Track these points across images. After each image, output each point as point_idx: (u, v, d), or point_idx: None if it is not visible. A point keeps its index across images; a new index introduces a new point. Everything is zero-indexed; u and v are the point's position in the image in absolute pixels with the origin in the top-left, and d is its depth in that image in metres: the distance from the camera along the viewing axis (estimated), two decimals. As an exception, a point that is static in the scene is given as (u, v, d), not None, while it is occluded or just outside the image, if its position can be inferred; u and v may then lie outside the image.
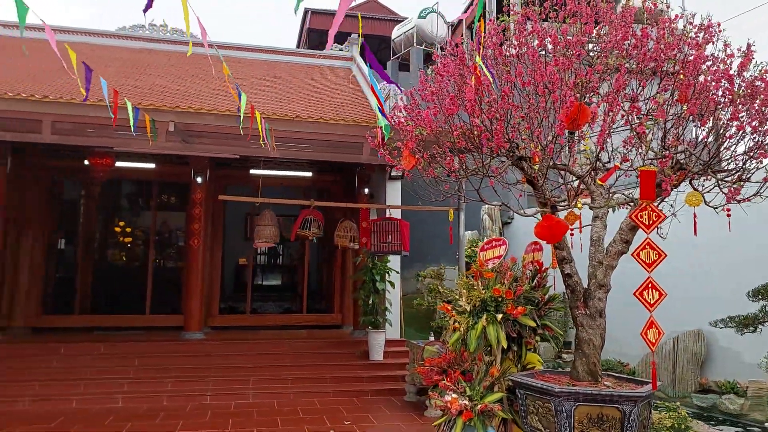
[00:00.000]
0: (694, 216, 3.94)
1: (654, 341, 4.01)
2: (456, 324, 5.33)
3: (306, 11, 20.34)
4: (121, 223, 12.72)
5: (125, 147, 6.78)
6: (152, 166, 10.93)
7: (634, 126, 3.97)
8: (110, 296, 11.88)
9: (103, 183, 11.50)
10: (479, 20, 3.57)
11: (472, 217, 12.30)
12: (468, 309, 5.25)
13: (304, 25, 20.86)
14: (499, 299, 5.12)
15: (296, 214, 13.20)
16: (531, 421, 4.83)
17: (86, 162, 9.73)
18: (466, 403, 4.98)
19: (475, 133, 4.16)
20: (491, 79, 3.83)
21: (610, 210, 5.10)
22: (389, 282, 9.50)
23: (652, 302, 4.01)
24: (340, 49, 14.81)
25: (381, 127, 4.88)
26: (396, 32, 18.17)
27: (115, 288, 12.04)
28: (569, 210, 4.58)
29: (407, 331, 10.74)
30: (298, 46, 22.49)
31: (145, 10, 2.94)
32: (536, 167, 4.52)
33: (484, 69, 3.63)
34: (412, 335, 10.56)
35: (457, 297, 5.45)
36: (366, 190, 10.48)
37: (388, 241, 7.17)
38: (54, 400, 7.57)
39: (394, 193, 9.89)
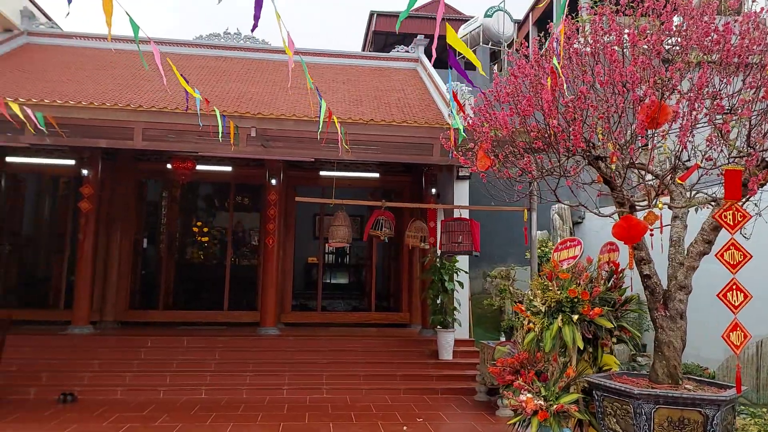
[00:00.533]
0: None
1: (738, 344, 3.92)
2: (530, 324, 5.35)
3: (371, 14, 20.60)
4: (200, 224, 13.35)
5: (209, 152, 7.18)
6: (229, 169, 11.42)
7: (717, 124, 3.89)
8: (191, 293, 12.51)
9: (184, 185, 12.11)
10: (561, 19, 3.60)
11: (542, 217, 12.15)
12: (543, 309, 5.26)
13: (370, 27, 21.13)
14: (575, 300, 5.10)
15: (363, 214, 13.51)
16: (608, 423, 4.79)
17: (169, 165, 10.29)
18: (542, 403, 5.00)
19: (550, 133, 4.18)
20: (564, 81, 3.84)
21: (692, 210, 5.00)
22: (458, 282, 9.55)
23: (736, 304, 3.92)
24: (407, 51, 14.94)
25: (455, 129, 4.97)
26: (462, 31, 18.15)
27: (195, 285, 12.68)
28: (648, 210, 4.51)
29: (476, 331, 10.75)
30: (363, 49, 22.81)
31: (252, 29, 3.16)
32: (613, 167, 4.49)
33: (560, 71, 3.65)
34: (480, 335, 10.56)
35: (531, 298, 5.46)
36: (433, 191, 10.56)
37: (459, 241, 7.23)
38: (144, 390, 8.08)
39: (461, 193, 9.92)
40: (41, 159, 10.84)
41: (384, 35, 21.11)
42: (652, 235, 4.59)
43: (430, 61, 14.21)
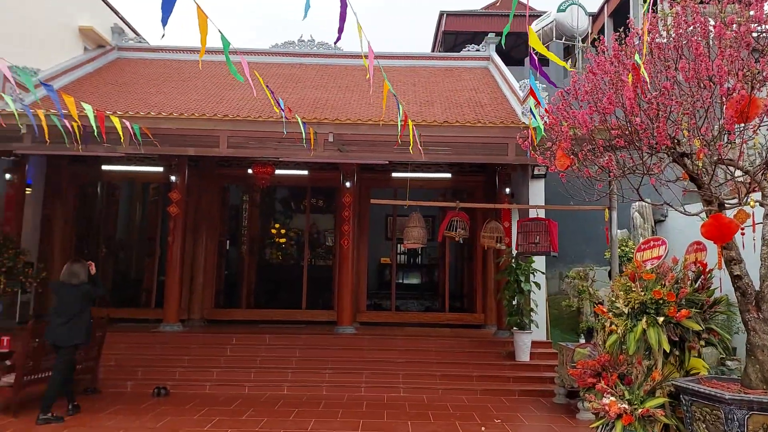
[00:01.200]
0: None
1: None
2: (612, 326, 5.24)
3: (441, 14, 20.59)
4: (278, 226, 13.84)
5: (289, 157, 7.47)
6: (305, 172, 11.79)
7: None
8: (270, 292, 12.99)
9: (263, 189, 12.59)
10: (643, 13, 3.54)
11: (621, 216, 11.76)
12: (626, 311, 5.14)
13: (439, 28, 21.12)
14: (660, 301, 4.96)
15: (434, 214, 13.56)
16: (697, 429, 4.64)
17: (250, 171, 10.74)
18: (626, 407, 4.89)
19: (632, 130, 4.10)
20: (647, 77, 3.76)
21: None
22: (534, 283, 9.44)
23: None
24: (477, 50, 14.87)
25: (532, 128, 4.95)
26: (534, 27, 17.82)
27: (275, 284, 13.15)
28: (739, 208, 4.34)
29: (553, 333, 10.57)
30: (433, 50, 22.82)
31: (336, 42, 3.33)
32: (700, 164, 4.34)
33: (642, 68, 3.58)
34: (558, 337, 10.37)
35: (614, 299, 5.35)
36: (507, 190, 10.47)
37: (536, 242, 7.15)
38: (230, 386, 8.49)
39: (537, 192, 9.78)
40: (133, 167, 11.59)
41: (454, 35, 21.05)
42: (743, 234, 4.40)
43: (503, 60, 14.11)
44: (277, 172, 11.45)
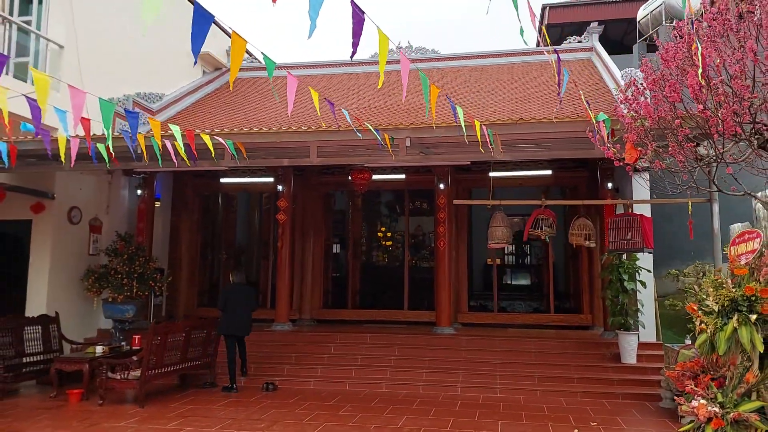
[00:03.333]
0: None
1: None
2: (702, 325, 4.95)
3: (543, 7, 20.02)
4: (381, 229, 14.26)
5: (374, 162, 7.76)
6: (403, 176, 12.08)
7: None
8: (374, 293, 13.42)
9: (364, 194, 13.05)
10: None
11: (742, 206, 10.82)
12: (716, 309, 4.84)
13: (542, 21, 20.55)
14: (753, 298, 4.62)
15: (527, 213, 13.25)
16: (798, 437, 4.27)
17: (349, 177, 11.21)
18: (716, 410, 4.61)
19: (702, 118, 3.89)
20: (712, 60, 3.56)
21: None
22: (640, 281, 8.99)
23: None
24: (579, 41, 14.37)
25: (602, 121, 4.81)
26: (642, 12, 16.83)
27: (378, 286, 13.57)
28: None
29: (666, 334, 9.96)
30: (537, 44, 22.22)
31: (352, 56, 3.54)
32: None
33: (700, 50, 3.41)
34: (671, 338, 9.77)
35: (704, 296, 5.04)
36: (609, 185, 10.05)
37: (628, 238, 6.83)
38: (333, 382, 8.94)
39: (640, 186, 9.29)
40: (247, 179, 12.53)
41: (559, 27, 20.35)
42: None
43: (614, 48, 13.51)
44: (375, 177, 11.84)
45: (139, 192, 11.52)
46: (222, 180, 12.74)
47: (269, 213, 13.29)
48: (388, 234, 14.09)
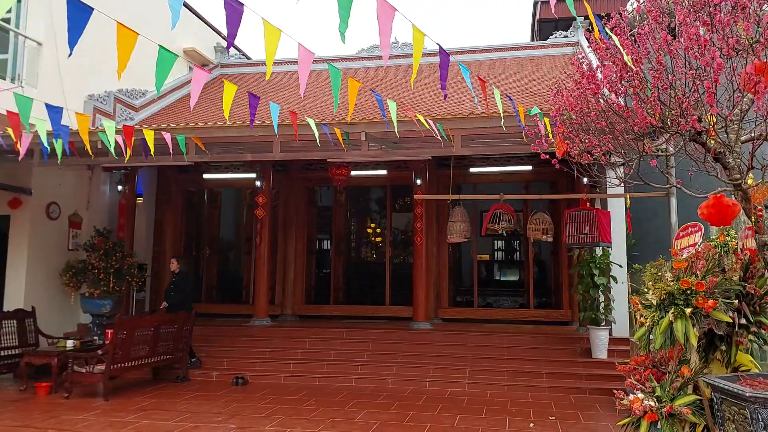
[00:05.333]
0: None
1: None
2: (642, 319, 4.94)
3: (535, 2, 19.92)
4: (364, 225, 14.28)
5: (338, 158, 7.77)
6: (384, 172, 12.07)
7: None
8: (357, 289, 13.46)
9: (347, 189, 13.08)
10: None
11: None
12: (654, 303, 4.82)
13: (535, 17, 20.45)
14: (689, 291, 4.59)
15: (519, 209, 13.20)
16: (728, 429, 4.25)
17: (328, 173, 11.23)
18: (652, 404, 4.60)
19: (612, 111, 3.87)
20: (625, 55, 3.54)
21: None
22: (612, 277, 8.95)
23: None
24: (565, 36, 14.31)
25: (536, 115, 4.80)
26: (630, 7, 16.71)
27: (360, 282, 13.60)
28: (761, 185, 3.93)
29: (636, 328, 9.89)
30: (532, 39, 22.12)
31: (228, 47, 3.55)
32: (712, 142, 3.99)
33: (617, 42, 3.39)
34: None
35: (645, 290, 5.02)
36: (585, 180, 9.96)
37: (585, 232, 6.80)
38: (304, 377, 8.99)
39: (613, 180, 9.22)
40: (229, 174, 12.60)
41: (552, 22, 20.24)
42: (761, 215, 3.98)
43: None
44: (357, 173, 11.86)
45: (120, 188, 11.60)
46: (205, 176, 12.81)
47: (252, 209, 13.34)
48: (372, 230, 14.12)
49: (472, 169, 11.67)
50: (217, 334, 10.33)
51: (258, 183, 11.21)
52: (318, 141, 5.59)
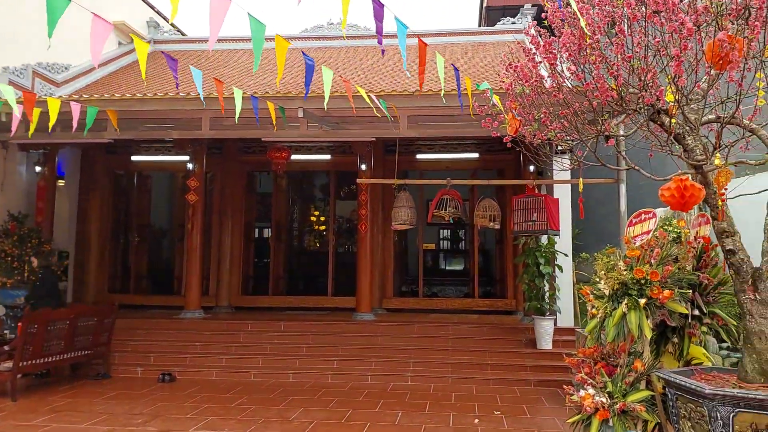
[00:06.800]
0: None
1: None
2: (594, 310, 4.67)
3: (483, -11, 19.74)
4: (307, 212, 13.74)
5: (275, 137, 7.23)
6: (328, 157, 11.57)
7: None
8: (298, 279, 12.93)
9: (289, 175, 12.50)
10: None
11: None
12: (607, 293, 4.55)
13: (483, 3, 20.27)
14: (643, 281, 4.34)
15: (466, 197, 12.96)
16: (683, 427, 4.02)
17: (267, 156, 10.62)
18: (603, 400, 4.33)
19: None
20: (582, 20, 3.19)
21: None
22: (557, 266, 8.78)
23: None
24: (513, 23, 14.12)
25: (484, 90, 4.44)
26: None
27: (302, 271, 13.09)
28: (722, 168, 3.67)
29: (584, 319, 9.81)
30: (479, 26, 21.96)
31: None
32: (674, 121, 3.70)
33: (575, 6, 3.03)
34: (584, 321, 9.62)
35: (597, 280, 4.75)
36: (531, 168, 9.79)
37: (533, 219, 6.55)
38: (237, 372, 8.43)
39: (560, 167, 9.05)
40: (160, 156, 11.81)
41: (500, 10, 20.10)
42: (723, 199, 3.73)
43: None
44: (299, 157, 11.32)
45: (38, 169, 10.63)
46: (134, 158, 11.96)
47: (185, 193, 12.58)
48: (315, 218, 13.59)
49: (419, 156, 11.32)
50: (145, 327, 9.60)
51: (190, 165, 10.49)
52: (236, 118, 5.04)
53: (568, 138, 4.04)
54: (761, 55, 3.43)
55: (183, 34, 15.91)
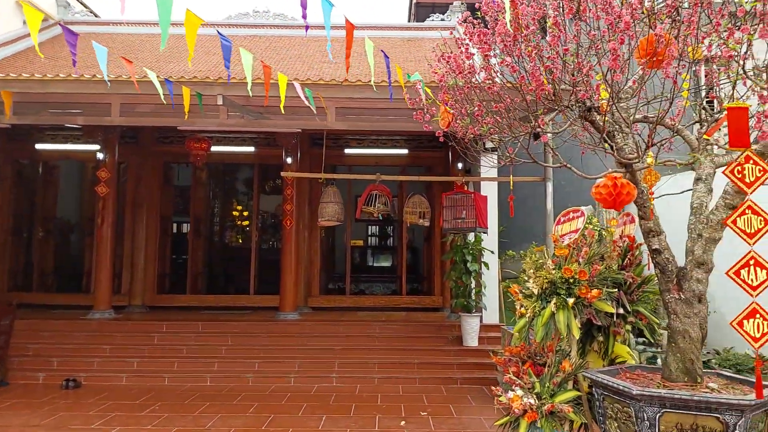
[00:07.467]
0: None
1: (758, 336, 3.04)
2: (522, 309, 4.59)
3: (413, -15, 19.70)
4: (229, 206, 13.18)
5: (193, 126, 6.79)
6: (252, 149, 11.10)
7: (723, 51, 2.98)
8: (218, 277, 12.37)
9: (209, 167, 11.93)
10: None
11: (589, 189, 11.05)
12: (536, 292, 4.49)
13: (411, 0, 20.25)
14: (571, 280, 4.30)
15: (395, 193, 12.84)
16: (610, 428, 4.00)
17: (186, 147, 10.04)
18: (531, 402, 4.26)
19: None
20: (508, 14, 3.05)
21: (719, 171, 4.08)
22: (484, 263, 8.78)
23: (755, 285, 3.03)
24: (442, 19, 14.11)
25: (416, 83, 4.26)
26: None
27: (223, 269, 12.53)
28: (648, 167, 3.65)
29: (509, 316, 9.91)
30: (409, 22, 21.94)
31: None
32: (606, 118, 3.65)
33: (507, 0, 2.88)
34: (513, 320, 9.72)
35: (526, 279, 4.68)
36: (460, 165, 9.77)
37: (462, 217, 6.47)
38: (150, 377, 7.89)
39: (487, 164, 9.07)
40: (68, 145, 10.94)
41: (429, 6, 20.15)
42: (652, 197, 3.72)
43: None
44: (221, 149, 10.82)
45: (-77, 155, 9.58)
46: (39, 146, 11.04)
47: (95, 185, 11.75)
48: (238, 213, 13.04)
49: (347, 150, 11.07)
50: (48, 329, 8.82)
51: (101, 155, 9.76)
52: (163, 100, 4.61)
53: (500, 135, 3.90)
54: (688, 57, 3.42)
55: (96, 15, 14.87)
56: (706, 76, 4.12)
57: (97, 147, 10.32)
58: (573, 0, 3.04)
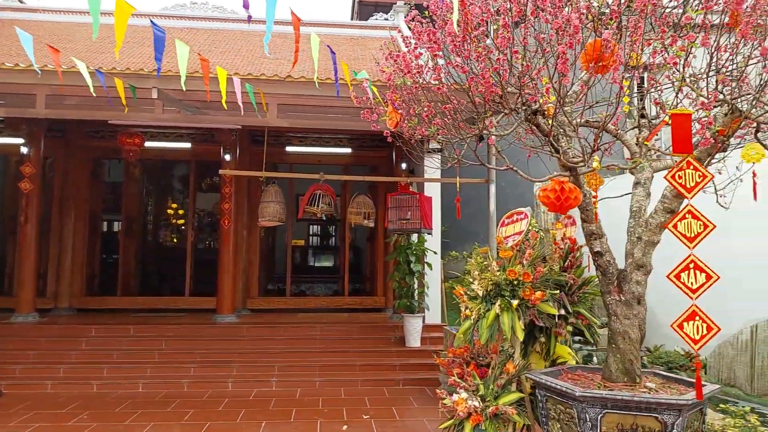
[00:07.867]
0: (754, 175, 2.99)
1: (698, 338, 3.11)
2: (467, 311, 4.58)
3: (357, -16, 19.61)
4: (163, 205, 12.69)
5: (126, 119, 6.45)
6: (188, 145, 10.70)
7: (668, 58, 3.04)
8: (151, 278, 11.90)
9: (143, 163, 11.44)
10: None
11: (528, 192, 11.29)
12: (481, 294, 4.48)
13: (356, -2, 20.15)
14: (515, 282, 4.31)
15: (338, 193, 12.71)
16: (552, 429, 4.03)
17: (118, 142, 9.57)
18: (476, 404, 4.24)
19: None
20: (456, 13, 3.00)
21: (657, 176, 4.19)
22: (427, 263, 8.78)
23: (694, 287, 3.10)
24: (386, 19, 14.08)
25: (363, 81, 4.17)
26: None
27: (156, 269, 12.05)
28: (591, 171, 3.70)
29: (452, 317, 9.97)
30: (351, 20, 21.83)
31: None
32: (550, 121, 3.66)
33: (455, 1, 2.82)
34: (455, 321, 9.79)
35: (471, 280, 4.68)
36: (403, 165, 9.75)
37: (407, 218, 6.44)
38: (77, 384, 7.45)
39: (431, 165, 9.08)
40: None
41: (372, 6, 20.11)
42: (596, 201, 3.77)
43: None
44: (154, 143, 10.37)
45: None
46: (-46, 138, 10.24)
47: (18, 181, 11.03)
48: (173, 211, 12.57)
49: (289, 148, 10.85)
50: (-38, 336, 8.21)
51: (25, 149, 9.17)
52: (98, 86, 4.31)
53: (447, 136, 3.86)
54: (629, 62, 3.48)
55: (21, 1, 13.98)
56: (646, 82, 4.22)
57: (20, 140, 9.68)
58: (521, 3, 3.02)
